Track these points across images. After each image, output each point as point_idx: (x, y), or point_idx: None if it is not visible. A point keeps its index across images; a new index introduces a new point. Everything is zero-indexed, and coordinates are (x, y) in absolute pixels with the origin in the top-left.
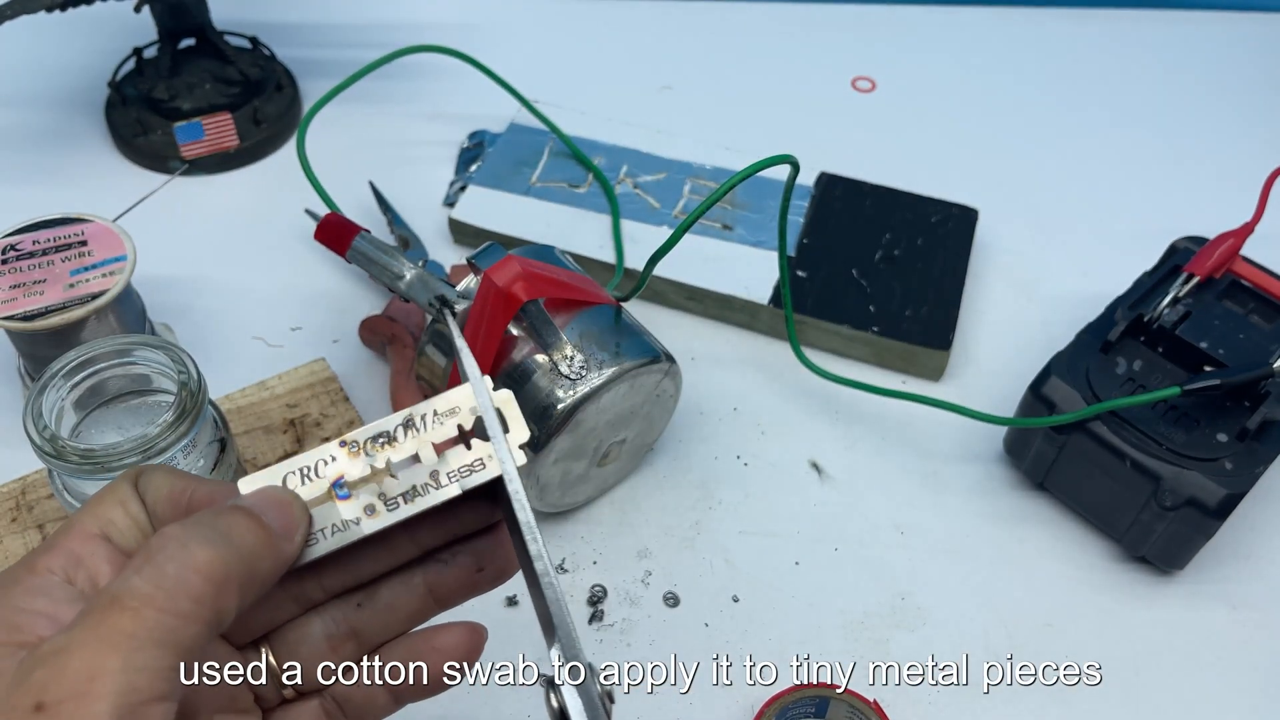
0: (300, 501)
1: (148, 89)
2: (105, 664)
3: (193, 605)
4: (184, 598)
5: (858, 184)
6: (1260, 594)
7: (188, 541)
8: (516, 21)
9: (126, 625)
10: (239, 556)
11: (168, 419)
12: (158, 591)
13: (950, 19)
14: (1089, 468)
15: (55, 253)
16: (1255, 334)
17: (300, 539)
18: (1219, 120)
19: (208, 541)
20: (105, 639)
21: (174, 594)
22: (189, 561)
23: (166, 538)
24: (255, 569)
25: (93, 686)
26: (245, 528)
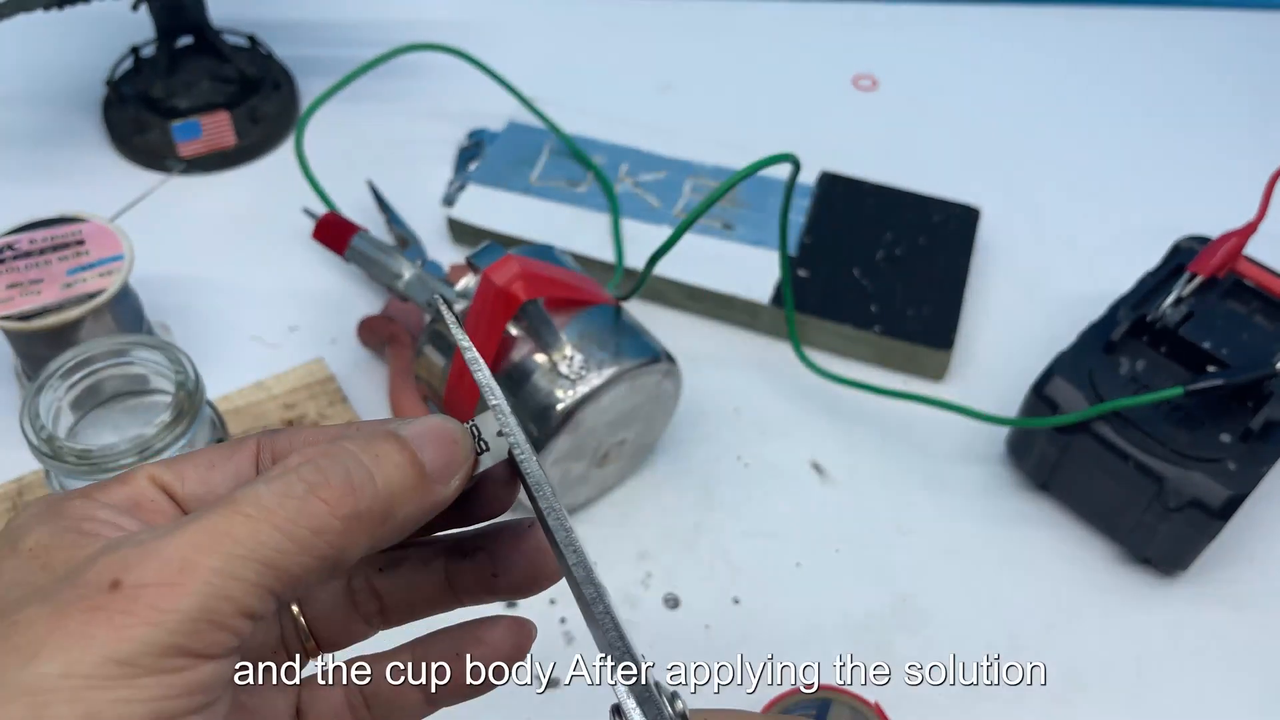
0: (468, 440)
1: (145, 87)
2: (203, 559)
3: (312, 535)
4: (306, 524)
5: (859, 183)
6: (1264, 595)
7: (328, 467)
8: (515, 20)
9: (238, 530)
10: (378, 494)
11: (165, 419)
12: (279, 508)
13: (952, 17)
14: (1092, 468)
15: (52, 252)
16: (1259, 334)
17: (458, 484)
18: (1222, 119)
19: (347, 471)
20: (210, 535)
21: (296, 517)
22: (321, 489)
23: (306, 456)
24: (394, 510)
25: (182, 577)
26: (393, 463)
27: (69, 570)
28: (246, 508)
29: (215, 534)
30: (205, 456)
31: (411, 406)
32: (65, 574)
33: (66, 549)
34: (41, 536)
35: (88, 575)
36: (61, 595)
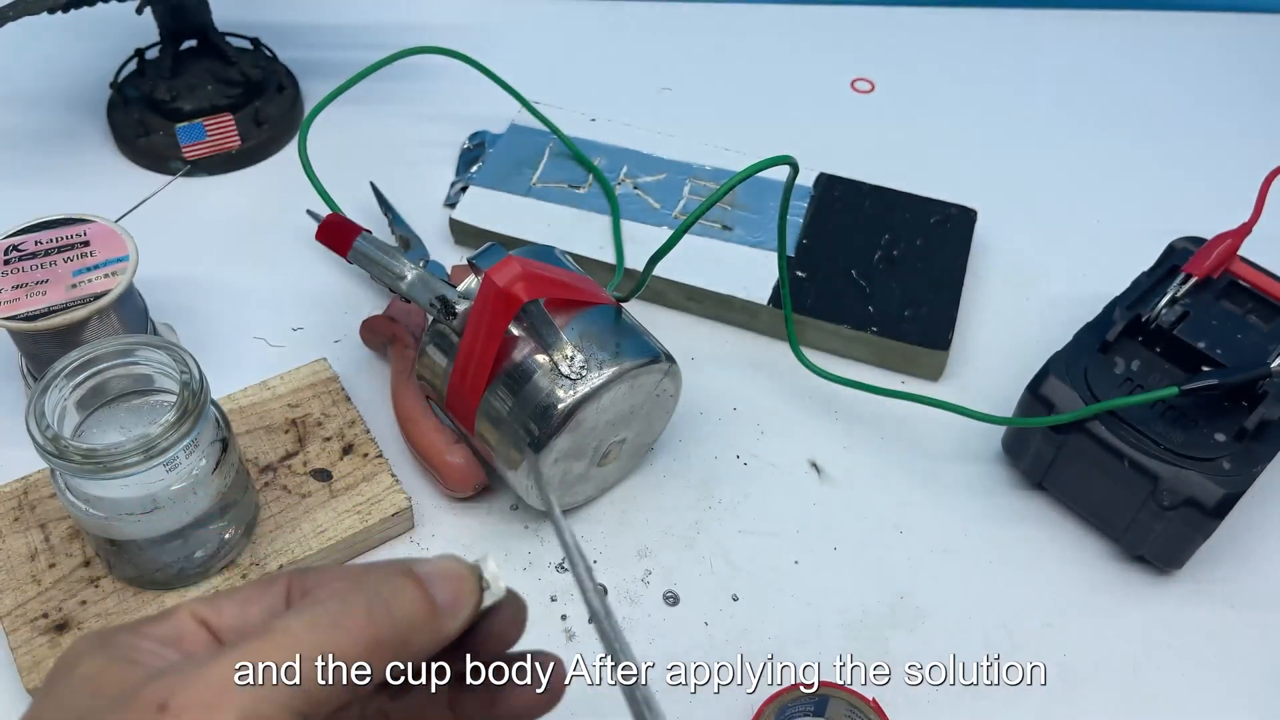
0: (474, 579)
1: (149, 90)
2: (238, 683)
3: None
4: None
5: (857, 184)
6: (1258, 593)
7: (350, 599)
8: (517, 23)
9: (271, 654)
10: (395, 625)
11: (170, 419)
12: (308, 635)
13: (949, 20)
14: (1087, 467)
15: (58, 253)
16: (1253, 334)
17: (466, 616)
18: (1217, 121)
19: (368, 604)
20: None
21: (322, 645)
22: (345, 620)
23: (332, 591)
24: (409, 640)
25: (221, 699)
26: (409, 598)
27: (120, 695)
28: (279, 637)
29: (251, 659)
30: (242, 594)
31: (413, 406)
32: (118, 698)
33: (117, 677)
34: (93, 666)
35: (138, 699)
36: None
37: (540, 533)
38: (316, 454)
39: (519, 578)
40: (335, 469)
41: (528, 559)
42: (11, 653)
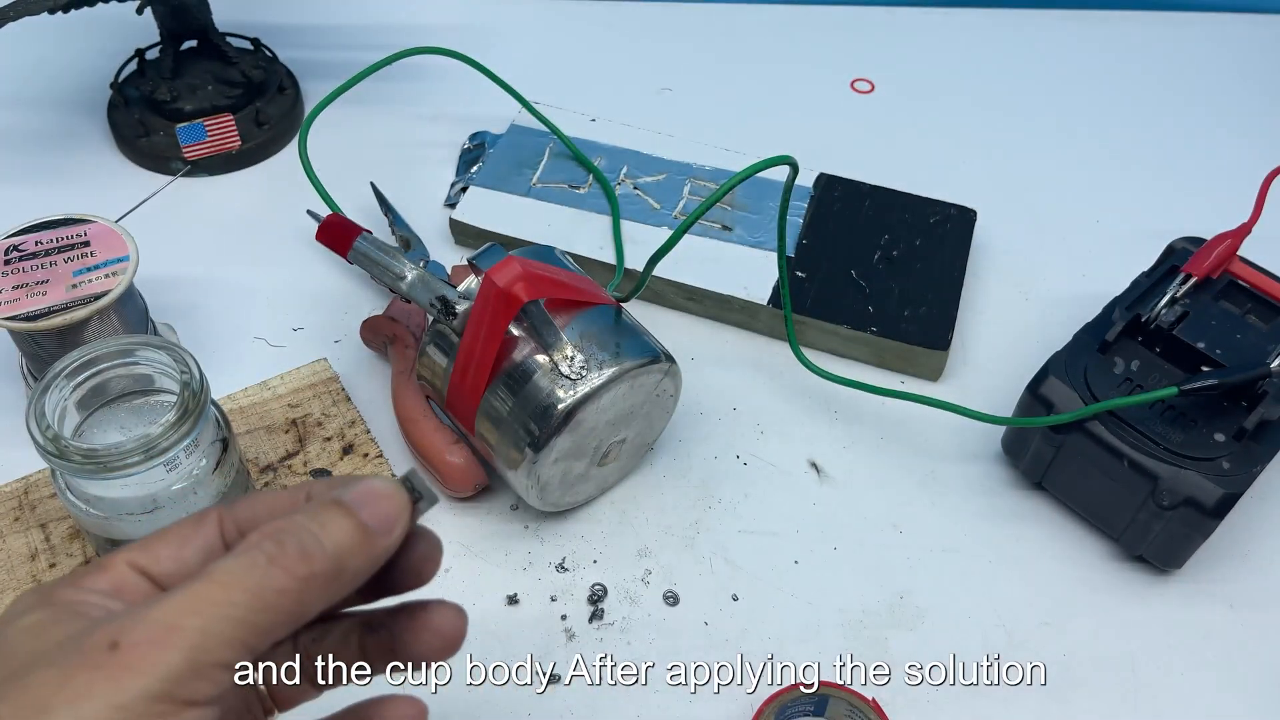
0: (403, 494)
1: (150, 90)
2: (186, 621)
3: (276, 596)
4: (270, 588)
5: (857, 185)
6: (1258, 593)
7: (284, 539)
8: (517, 23)
9: (214, 595)
10: (328, 557)
11: (170, 419)
12: (247, 576)
13: (948, 20)
14: (1087, 467)
15: (58, 253)
16: (1253, 334)
17: (399, 533)
18: (1217, 121)
19: (300, 540)
20: (192, 602)
21: (262, 583)
22: (281, 559)
23: (265, 532)
24: (344, 566)
25: (170, 636)
26: (339, 527)
27: (68, 638)
28: (220, 577)
29: (196, 600)
30: (175, 534)
31: (414, 406)
32: (66, 641)
33: (62, 626)
34: (37, 617)
35: (89, 640)
36: (67, 658)
37: (540, 533)
38: (317, 454)
39: (519, 577)
40: (335, 469)
41: (528, 559)
42: None
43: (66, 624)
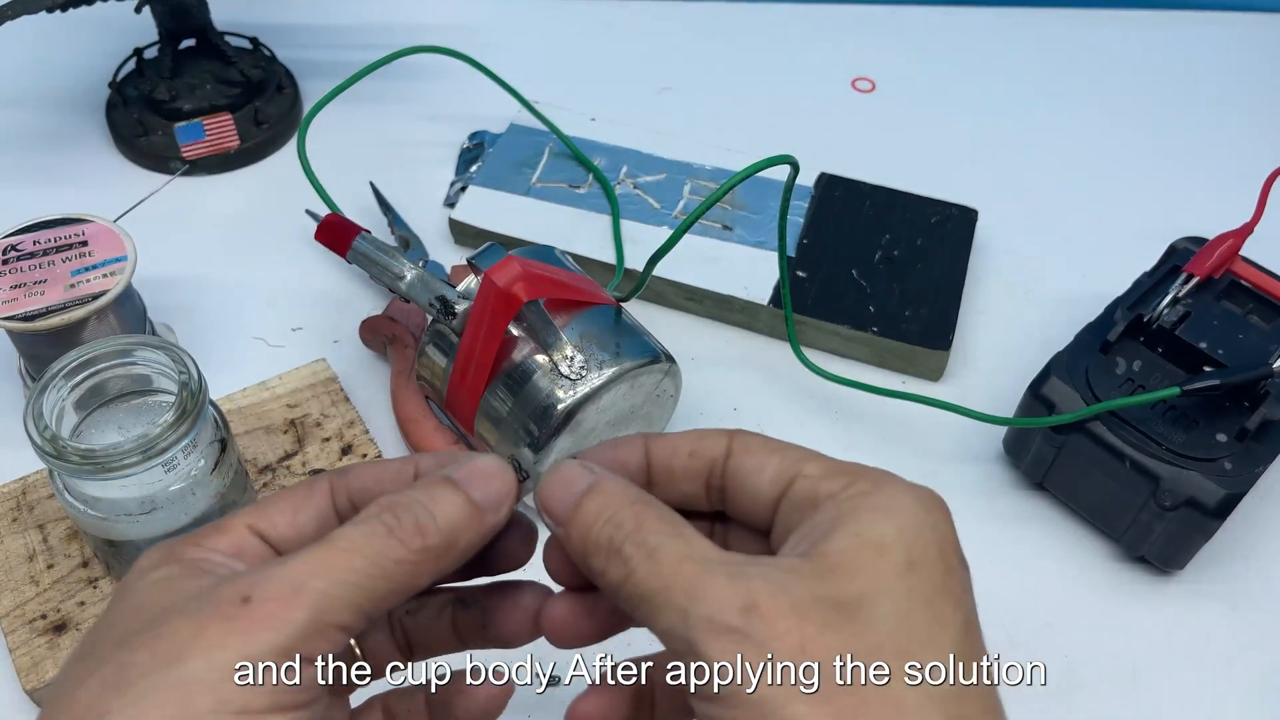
0: (511, 475)
1: (148, 90)
2: (311, 582)
3: (393, 565)
4: (388, 558)
5: (857, 184)
6: (1260, 594)
7: (401, 513)
8: (517, 22)
9: (338, 560)
10: (440, 530)
11: (168, 419)
12: (367, 545)
13: (950, 19)
14: (1088, 468)
15: (56, 253)
16: (1255, 334)
17: (506, 512)
18: (1219, 120)
19: (416, 516)
20: (316, 565)
21: (381, 552)
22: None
23: (381, 506)
24: (456, 541)
25: (297, 596)
26: (451, 503)
27: (200, 592)
28: (342, 544)
29: (321, 564)
30: (289, 501)
31: (413, 406)
32: (198, 594)
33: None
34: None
35: (221, 594)
36: (200, 610)
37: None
38: (316, 454)
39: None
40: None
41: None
42: (10, 654)
43: (196, 579)
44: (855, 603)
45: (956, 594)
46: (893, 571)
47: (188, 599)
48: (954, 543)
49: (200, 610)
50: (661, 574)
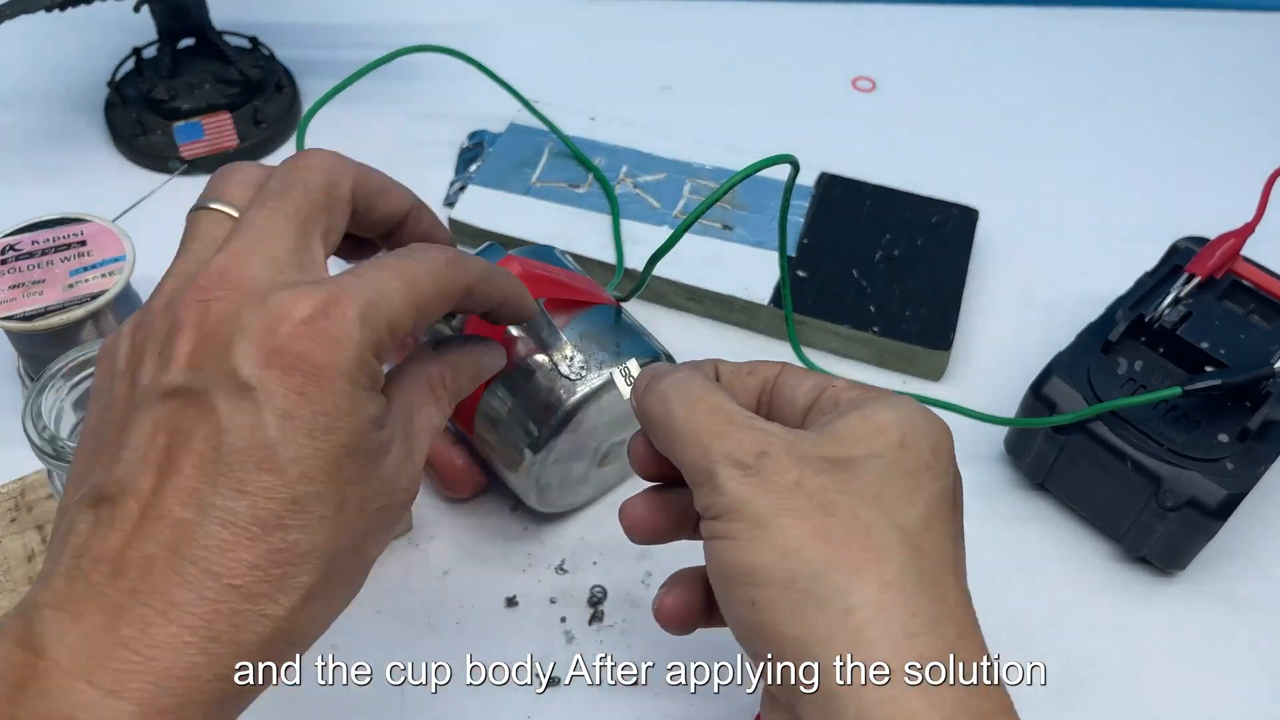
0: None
1: (147, 89)
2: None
3: (448, 269)
4: (444, 269)
5: (858, 184)
6: (1262, 594)
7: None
8: (516, 21)
9: (387, 267)
10: (478, 265)
11: None
12: (412, 265)
13: (950, 19)
14: (1090, 468)
15: (54, 253)
16: (1256, 334)
17: (521, 308)
18: (1220, 120)
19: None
20: (386, 268)
21: (421, 271)
22: (456, 255)
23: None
24: (492, 279)
25: (352, 291)
26: (481, 264)
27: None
28: (389, 261)
29: (389, 267)
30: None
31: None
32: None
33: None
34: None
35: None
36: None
37: (540, 534)
38: None
39: (518, 579)
40: None
41: (527, 560)
42: None
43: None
44: (849, 461)
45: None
46: (886, 444)
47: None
48: (948, 449)
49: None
50: (695, 418)
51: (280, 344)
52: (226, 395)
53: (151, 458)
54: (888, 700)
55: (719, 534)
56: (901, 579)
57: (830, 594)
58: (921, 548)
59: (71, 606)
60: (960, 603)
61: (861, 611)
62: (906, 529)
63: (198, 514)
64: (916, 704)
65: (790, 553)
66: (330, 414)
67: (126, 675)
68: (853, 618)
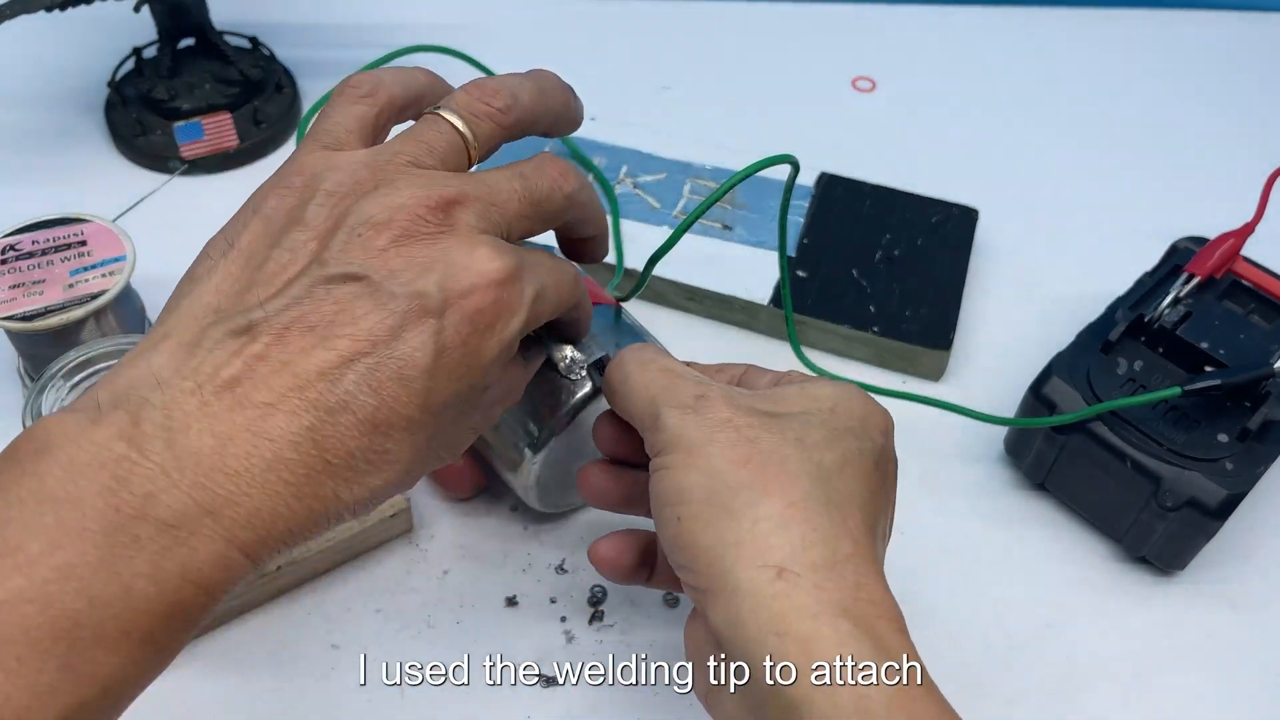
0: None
1: (147, 89)
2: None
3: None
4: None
5: (858, 184)
6: (1261, 594)
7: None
8: (516, 22)
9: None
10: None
11: None
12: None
13: (950, 19)
14: (1089, 468)
15: (55, 253)
16: (1256, 334)
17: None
18: (1219, 120)
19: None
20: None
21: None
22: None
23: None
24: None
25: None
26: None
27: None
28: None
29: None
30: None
31: None
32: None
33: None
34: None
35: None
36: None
37: (539, 535)
38: None
39: (518, 579)
40: None
41: (527, 560)
42: None
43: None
44: (779, 415)
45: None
46: (817, 407)
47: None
48: (881, 427)
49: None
50: (647, 376)
51: (466, 290)
52: (408, 308)
53: (313, 321)
54: (780, 595)
55: (659, 466)
56: (806, 500)
57: (741, 508)
58: (830, 482)
59: (184, 420)
60: (861, 529)
61: (766, 523)
62: (821, 465)
63: (329, 390)
64: (805, 599)
65: (714, 474)
66: (472, 368)
67: (222, 501)
68: (758, 527)
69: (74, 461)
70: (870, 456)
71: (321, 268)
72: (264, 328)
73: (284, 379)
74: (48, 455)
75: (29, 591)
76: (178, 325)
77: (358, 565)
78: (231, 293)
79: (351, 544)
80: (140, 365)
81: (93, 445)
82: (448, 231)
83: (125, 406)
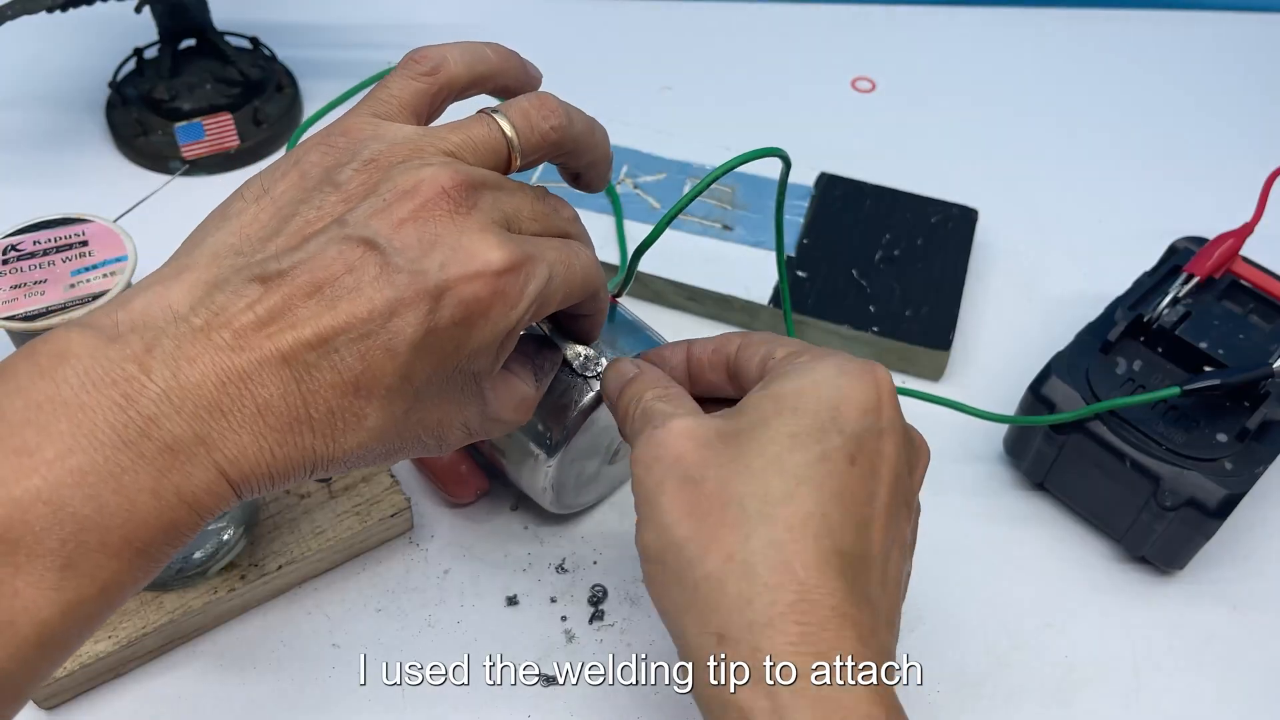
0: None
1: (148, 89)
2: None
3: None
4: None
5: (858, 184)
6: (1260, 594)
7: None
8: (516, 22)
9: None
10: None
11: None
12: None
13: (950, 19)
14: (1089, 468)
15: (56, 253)
16: (1255, 334)
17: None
18: (1219, 121)
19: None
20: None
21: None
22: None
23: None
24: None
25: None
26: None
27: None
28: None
29: (566, 260)
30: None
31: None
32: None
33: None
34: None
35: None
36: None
37: (540, 534)
38: None
39: (518, 579)
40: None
41: (527, 559)
42: None
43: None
44: (737, 433)
45: (824, 436)
46: (775, 413)
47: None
48: (858, 404)
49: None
50: (624, 397)
51: (466, 276)
52: (407, 284)
53: (320, 279)
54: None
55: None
56: (745, 548)
57: (685, 568)
58: (777, 517)
59: (191, 354)
60: (814, 559)
61: (706, 584)
62: (768, 499)
63: (323, 352)
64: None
65: (664, 529)
66: (459, 349)
67: (215, 435)
68: (699, 591)
69: (89, 374)
70: (844, 451)
71: (341, 228)
72: (279, 281)
73: (287, 336)
74: (65, 364)
75: (45, 492)
76: (200, 260)
77: (358, 565)
78: (255, 238)
79: (352, 544)
80: (158, 292)
81: (107, 361)
82: (464, 215)
83: (140, 332)
